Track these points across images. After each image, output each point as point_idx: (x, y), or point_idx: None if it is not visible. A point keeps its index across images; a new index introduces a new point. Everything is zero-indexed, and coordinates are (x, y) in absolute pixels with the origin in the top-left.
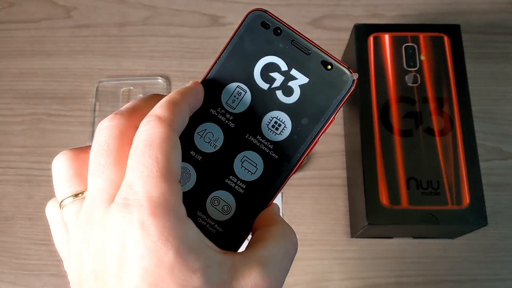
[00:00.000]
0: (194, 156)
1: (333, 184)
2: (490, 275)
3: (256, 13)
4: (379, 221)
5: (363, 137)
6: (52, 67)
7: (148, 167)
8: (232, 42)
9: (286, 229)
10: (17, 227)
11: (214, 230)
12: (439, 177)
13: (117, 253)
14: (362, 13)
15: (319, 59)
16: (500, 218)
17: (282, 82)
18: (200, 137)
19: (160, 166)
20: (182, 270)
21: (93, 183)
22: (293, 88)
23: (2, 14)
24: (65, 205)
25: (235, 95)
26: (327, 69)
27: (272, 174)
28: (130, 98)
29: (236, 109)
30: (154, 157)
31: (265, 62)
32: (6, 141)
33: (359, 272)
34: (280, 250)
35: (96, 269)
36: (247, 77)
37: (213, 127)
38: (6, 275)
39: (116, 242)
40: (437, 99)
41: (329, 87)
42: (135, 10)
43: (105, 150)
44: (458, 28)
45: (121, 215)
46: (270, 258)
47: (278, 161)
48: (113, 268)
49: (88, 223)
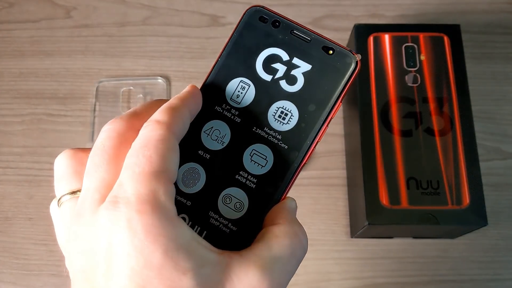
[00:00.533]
0: (202, 156)
1: (333, 184)
2: (490, 275)
3: (254, 9)
4: (379, 221)
5: (363, 137)
6: (52, 67)
7: (141, 166)
8: (232, 39)
9: (294, 229)
10: (17, 227)
11: (228, 229)
12: (439, 177)
13: (105, 252)
14: (362, 13)
15: (320, 45)
16: (500, 218)
17: (285, 71)
18: (207, 135)
19: (153, 165)
20: (171, 270)
21: (86, 182)
22: (297, 77)
23: (2, 14)
24: (63, 203)
25: (239, 90)
26: (329, 54)
27: (283, 165)
28: (130, 98)
29: (241, 104)
30: (148, 156)
31: (267, 54)
32: (6, 141)
33: (359, 272)
34: (284, 251)
35: (86, 269)
36: (249, 71)
37: (219, 124)
38: (6, 275)
39: (104, 241)
40: (437, 99)
41: (332, 71)
42: (135, 10)
43: (100, 150)
44: (458, 28)
45: (109, 213)
46: (271, 260)
47: (288, 151)
48: (101, 268)
49: (78, 222)
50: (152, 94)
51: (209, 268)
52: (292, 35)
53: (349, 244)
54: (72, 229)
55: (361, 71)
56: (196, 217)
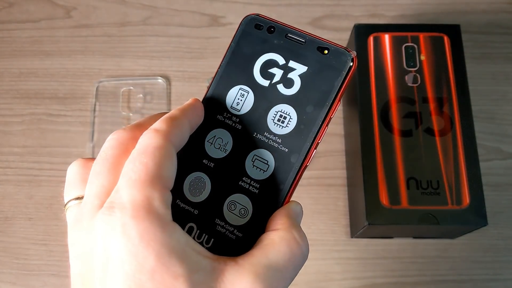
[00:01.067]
0: (207, 165)
1: (333, 184)
2: (490, 275)
3: (249, 17)
4: (379, 221)
5: (363, 137)
6: (52, 67)
7: (137, 172)
8: (230, 49)
9: (293, 234)
10: (17, 227)
11: (234, 236)
12: (439, 177)
13: (100, 256)
14: (362, 13)
15: (314, 46)
16: (500, 218)
17: (281, 75)
18: (211, 144)
19: (149, 172)
20: (163, 275)
21: (88, 189)
22: (293, 79)
23: (2, 14)
24: (68, 207)
25: (238, 97)
26: (324, 54)
27: (284, 168)
28: (130, 98)
29: (241, 111)
30: (145, 163)
31: (263, 60)
32: (6, 141)
33: (359, 272)
34: (281, 258)
35: (83, 273)
36: (248, 78)
37: (221, 132)
38: (6, 275)
39: (100, 245)
40: (437, 99)
41: (329, 71)
42: (135, 10)
43: (102, 159)
44: (458, 28)
45: (105, 218)
46: (267, 267)
47: (289, 154)
48: (97, 273)
49: (77, 227)
50: (152, 94)
51: (202, 274)
52: (287, 39)
53: (349, 244)
54: (72, 233)
55: (361, 71)
56: (203, 225)
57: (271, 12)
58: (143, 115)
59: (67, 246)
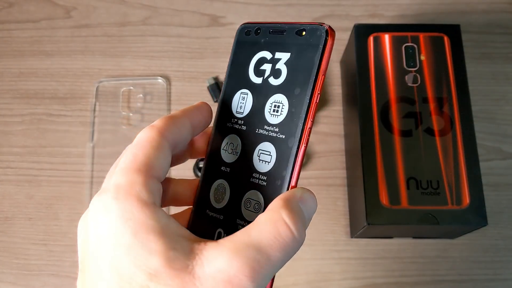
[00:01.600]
0: (224, 171)
1: (332, 184)
2: (490, 275)
3: (241, 27)
4: (379, 221)
5: (363, 137)
6: (52, 67)
7: (126, 162)
8: (230, 61)
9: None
10: (17, 227)
11: None
12: (439, 177)
13: (88, 239)
14: (362, 13)
15: (293, 31)
16: (500, 218)
17: (271, 68)
18: (225, 151)
19: (137, 161)
20: (138, 250)
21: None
22: (280, 68)
23: (2, 14)
24: None
25: (240, 101)
26: (303, 35)
27: (284, 155)
28: (130, 98)
29: (244, 113)
30: (134, 154)
31: (255, 60)
32: (6, 141)
33: (359, 272)
34: (265, 238)
35: (81, 260)
36: (246, 81)
37: (232, 137)
38: (6, 275)
39: (90, 228)
40: (437, 99)
41: (308, 50)
42: (135, 10)
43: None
44: (458, 28)
45: (94, 201)
46: (247, 245)
47: (286, 140)
48: (88, 255)
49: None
50: (152, 94)
51: (179, 252)
52: (271, 34)
53: (349, 244)
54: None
55: (361, 71)
56: (228, 228)
57: (271, 12)
58: (143, 115)
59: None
